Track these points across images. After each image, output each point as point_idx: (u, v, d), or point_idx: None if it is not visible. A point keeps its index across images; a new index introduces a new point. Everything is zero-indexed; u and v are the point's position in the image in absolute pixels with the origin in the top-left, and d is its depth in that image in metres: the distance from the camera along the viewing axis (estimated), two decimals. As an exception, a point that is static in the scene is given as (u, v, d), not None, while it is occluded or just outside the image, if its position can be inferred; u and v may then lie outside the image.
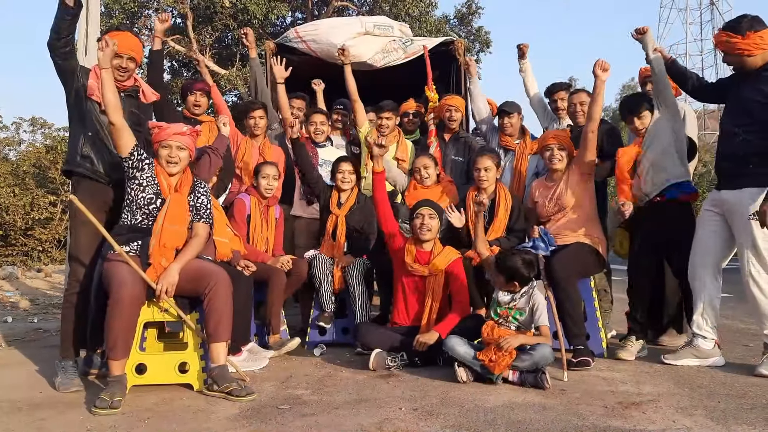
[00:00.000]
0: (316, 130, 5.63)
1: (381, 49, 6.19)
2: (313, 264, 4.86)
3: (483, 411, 3.04)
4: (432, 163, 5.07)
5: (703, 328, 4.05)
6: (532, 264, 3.80)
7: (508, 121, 5.38)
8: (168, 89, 19.14)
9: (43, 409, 3.23)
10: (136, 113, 4.09)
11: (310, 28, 6.28)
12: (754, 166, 3.77)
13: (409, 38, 6.49)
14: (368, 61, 6.14)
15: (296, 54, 6.22)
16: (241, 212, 4.74)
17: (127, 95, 4.03)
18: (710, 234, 4.05)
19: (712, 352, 4.04)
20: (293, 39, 6.27)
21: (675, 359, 4.04)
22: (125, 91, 4.02)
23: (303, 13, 20.78)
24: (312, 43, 6.11)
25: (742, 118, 3.89)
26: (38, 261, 13.74)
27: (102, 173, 3.89)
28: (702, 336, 4.04)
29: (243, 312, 4.12)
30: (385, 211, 4.49)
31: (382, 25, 6.44)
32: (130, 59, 3.96)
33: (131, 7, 17.30)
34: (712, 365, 3.99)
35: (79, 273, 3.84)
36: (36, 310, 7.51)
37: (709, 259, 4.07)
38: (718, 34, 4.00)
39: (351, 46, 5.92)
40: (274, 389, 3.57)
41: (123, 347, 3.34)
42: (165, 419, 3.02)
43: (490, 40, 21.18)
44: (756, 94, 3.81)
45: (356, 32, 6.11)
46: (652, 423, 2.83)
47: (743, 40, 3.80)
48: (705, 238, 4.08)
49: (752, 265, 3.79)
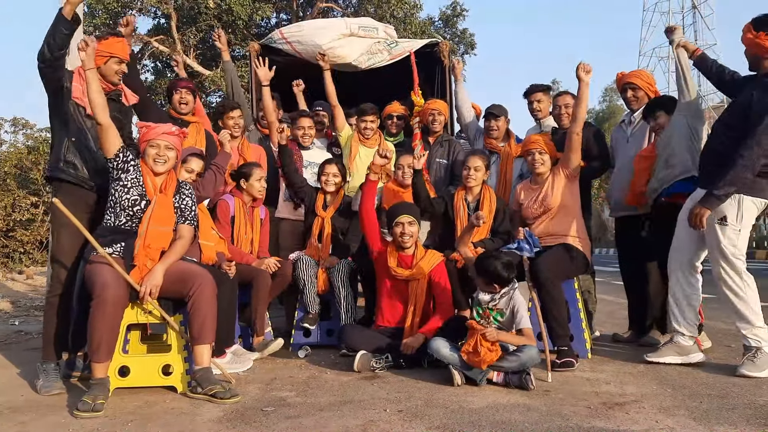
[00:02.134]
0: (304, 134, 5.62)
1: (366, 50, 6.19)
2: (297, 265, 4.84)
3: (468, 412, 3.05)
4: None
5: (682, 325, 4.08)
6: (511, 266, 3.80)
7: (495, 123, 5.40)
8: (150, 89, 19.12)
9: (24, 412, 3.20)
10: (117, 117, 4.06)
11: (294, 29, 6.27)
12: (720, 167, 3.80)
13: (394, 40, 6.50)
14: (353, 63, 6.14)
15: (281, 55, 6.21)
16: (225, 213, 4.72)
17: (109, 99, 3.99)
18: (685, 231, 4.08)
19: (693, 348, 4.08)
20: (278, 40, 6.26)
21: (657, 357, 4.08)
22: (108, 95, 3.98)
23: (288, 14, 20.75)
24: (297, 44, 6.10)
25: (732, 118, 3.92)
26: (20, 263, 13.59)
27: (86, 178, 3.86)
28: (681, 333, 4.08)
29: (227, 314, 4.11)
30: (371, 225, 4.50)
31: (367, 26, 6.43)
32: (126, 64, 4.03)
33: (114, 7, 17.18)
34: (695, 362, 4.03)
35: (61, 275, 3.81)
36: (17, 313, 7.43)
37: (685, 257, 4.11)
38: (746, 25, 3.93)
39: (336, 48, 5.94)
40: (258, 391, 3.56)
41: (106, 350, 3.31)
42: (148, 422, 2.99)
43: (475, 42, 21.26)
44: (750, 98, 3.81)
45: (341, 33, 6.10)
46: (635, 423, 2.84)
47: (755, 39, 3.81)
48: (681, 235, 4.12)
49: (721, 268, 3.84)
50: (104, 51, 3.87)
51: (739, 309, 3.82)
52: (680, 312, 4.10)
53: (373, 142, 5.64)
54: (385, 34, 6.57)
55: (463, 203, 4.78)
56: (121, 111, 4.14)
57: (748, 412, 3.00)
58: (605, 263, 18.66)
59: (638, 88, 4.97)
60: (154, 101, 4.83)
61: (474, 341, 3.52)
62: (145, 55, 18.97)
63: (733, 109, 3.97)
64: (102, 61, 3.87)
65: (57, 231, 3.90)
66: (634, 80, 4.99)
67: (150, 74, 20.27)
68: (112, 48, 3.92)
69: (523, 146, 4.75)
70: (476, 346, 3.51)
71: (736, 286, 3.82)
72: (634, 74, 5.08)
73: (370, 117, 5.60)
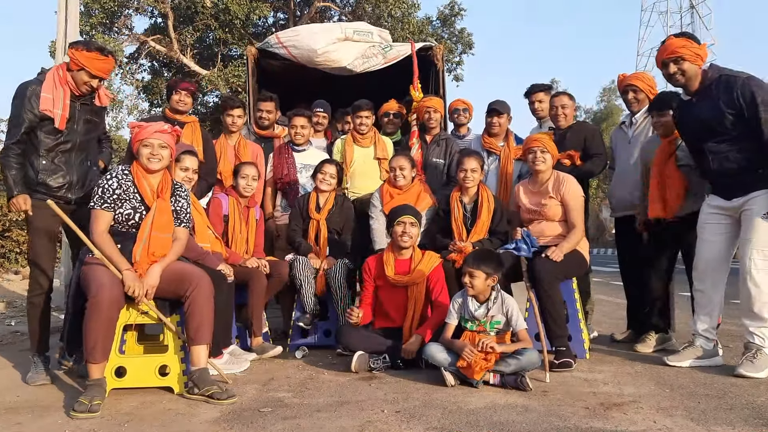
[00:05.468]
0: (297, 133, 5.60)
1: (361, 54, 6.24)
2: (293, 266, 4.83)
3: (465, 413, 3.04)
4: (408, 164, 5.06)
5: (710, 329, 4.09)
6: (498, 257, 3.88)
7: (497, 120, 5.38)
8: (146, 89, 19.09)
9: (20, 412, 3.19)
10: (89, 120, 4.13)
11: (290, 34, 6.34)
12: (764, 170, 3.76)
13: (388, 44, 6.56)
14: (348, 66, 6.20)
15: (278, 59, 6.29)
16: (217, 211, 4.69)
17: (83, 104, 4.07)
18: (719, 238, 4.03)
19: (714, 351, 4.09)
20: (274, 44, 6.31)
21: (678, 361, 4.06)
22: (81, 98, 4.05)
23: (285, 13, 20.73)
24: (292, 48, 6.17)
25: (716, 135, 3.87)
26: (15, 263, 13.53)
27: (61, 195, 3.96)
28: (705, 337, 4.08)
29: (224, 314, 4.10)
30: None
31: (362, 31, 6.52)
32: (101, 80, 4.06)
33: (111, 6, 17.13)
34: (717, 365, 4.03)
35: (38, 277, 3.99)
36: (13, 313, 7.40)
37: (721, 263, 4.09)
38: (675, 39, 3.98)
39: (330, 52, 6.01)
40: (255, 392, 3.55)
41: (102, 350, 3.30)
42: (145, 423, 2.99)
43: (473, 41, 21.24)
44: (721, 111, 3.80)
45: (336, 38, 6.17)
46: (633, 424, 2.84)
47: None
48: (715, 241, 4.06)
49: (754, 262, 3.80)
50: (80, 61, 3.88)
51: (756, 305, 3.80)
52: (707, 316, 4.10)
53: (368, 140, 5.62)
54: (380, 38, 6.65)
55: (458, 204, 4.77)
56: (94, 111, 4.17)
57: (746, 412, 3.00)
58: (603, 263, 18.71)
59: (639, 90, 4.97)
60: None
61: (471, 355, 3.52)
62: (142, 54, 18.94)
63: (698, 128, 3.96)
64: (75, 68, 3.91)
65: (32, 234, 3.98)
66: (636, 82, 4.99)
67: (147, 74, 20.25)
68: (89, 63, 3.90)
69: (524, 145, 4.74)
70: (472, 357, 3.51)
71: (763, 282, 3.81)
72: (635, 76, 5.07)
73: (365, 112, 5.59)
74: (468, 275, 3.76)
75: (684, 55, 3.89)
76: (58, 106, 3.86)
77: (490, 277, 3.76)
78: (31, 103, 3.81)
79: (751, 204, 3.82)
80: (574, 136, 5.18)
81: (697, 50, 3.91)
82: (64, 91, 3.90)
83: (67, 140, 3.97)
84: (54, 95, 3.86)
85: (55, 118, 3.86)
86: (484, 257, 3.81)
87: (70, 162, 4.01)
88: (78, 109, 4.00)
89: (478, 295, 3.79)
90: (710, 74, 3.90)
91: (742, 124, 3.75)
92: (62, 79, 3.91)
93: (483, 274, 3.73)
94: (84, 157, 4.10)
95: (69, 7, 7.69)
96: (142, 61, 19.73)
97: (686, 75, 3.93)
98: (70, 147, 3.99)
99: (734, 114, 3.75)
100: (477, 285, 3.74)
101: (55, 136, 3.92)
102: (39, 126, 3.86)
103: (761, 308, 3.80)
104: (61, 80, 3.91)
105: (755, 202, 3.80)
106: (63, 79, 3.91)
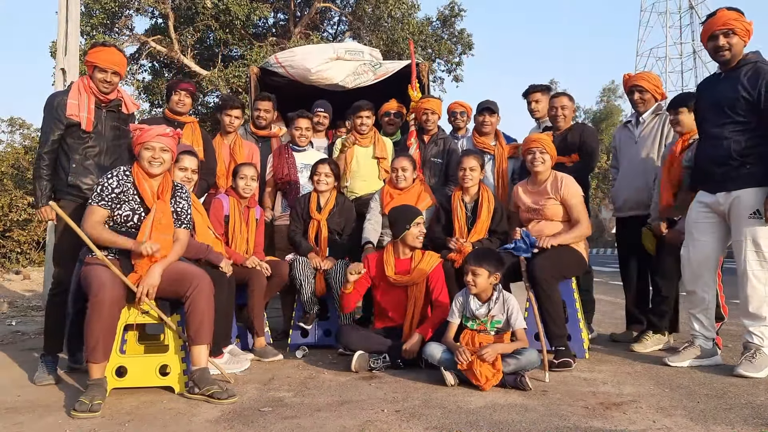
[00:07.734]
0: (301, 135, 5.62)
1: (352, 71, 6.53)
2: (293, 266, 4.83)
3: (465, 412, 3.05)
4: (410, 165, 5.08)
5: (707, 328, 4.10)
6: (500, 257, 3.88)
7: (489, 119, 5.44)
8: (147, 90, 19.10)
9: (21, 412, 3.20)
10: (117, 126, 4.24)
11: (287, 55, 6.71)
12: (751, 166, 3.77)
13: (378, 62, 6.84)
14: (340, 83, 6.48)
15: (277, 76, 6.68)
16: (218, 212, 4.70)
17: (108, 110, 4.19)
18: (709, 236, 4.04)
19: (713, 350, 4.09)
20: (273, 64, 6.67)
21: (678, 361, 4.07)
22: (107, 105, 4.17)
23: (285, 14, 20.74)
24: (289, 68, 6.53)
25: (721, 117, 3.88)
26: (17, 263, 13.55)
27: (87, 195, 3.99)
28: (704, 336, 4.09)
29: (225, 314, 4.11)
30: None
31: (353, 50, 6.93)
32: (114, 74, 4.12)
33: (112, 6, 17.13)
34: (717, 364, 4.04)
35: (61, 275, 4.00)
36: (15, 313, 7.42)
37: (712, 262, 4.10)
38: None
39: (323, 70, 6.36)
40: (255, 391, 3.56)
41: (103, 350, 3.31)
42: (145, 422, 2.99)
43: (473, 42, 21.22)
44: (737, 92, 3.78)
45: (329, 57, 6.52)
46: (632, 423, 2.85)
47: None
48: (705, 240, 4.06)
49: (749, 263, 3.81)
50: (89, 61, 4.08)
51: (753, 304, 3.81)
52: (702, 315, 4.11)
53: (368, 140, 5.63)
54: (371, 56, 7.04)
55: (460, 203, 4.78)
56: (120, 119, 4.27)
57: (746, 412, 3.00)
58: (603, 263, 18.71)
59: (645, 90, 4.98)
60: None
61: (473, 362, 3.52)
62: (142, 55, 18.94)
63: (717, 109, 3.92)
64: (90, 70, 4.10)
65: (60, 234, 4.03)
66: (641, 82, 5.00)
67: (147, 74, 20.24)
68: (95, 58, 4.07)
69: (524, 145, 4.75)
70: (471, 365, 3.52)
71: (763, 281, 3.81)
72: (641, 76, 5.08)
73: (365, 112, 5.61)
74: (471, 273, 3.77)
75: (735, 28, 3.80)
76: (83, 110, 4.03)
77: (492, 275, 3.77)
78: (59, 112, 4.00)
79: (737, 203, 3.83)
80: (574, 138, 5.19)
81: (748, 26, 3.83)
82: (89, 97, 4.09)
83: (95, 144, 4.10)
84: (79, 101, 4.04)
85: (81, 121, 4.01)
86: (486, 255, 3.83)
87: (101, 165, 4.09)
88: (104, 116, 4.15)
89: (480, 294, 3.80)
90: (749, 58, 3.85)
91: (752, 112, 3.74)
92: (86, 87, 4.09)
93: (485, 271, 3.75)
94: (115, 160, 4.18)
95: (69, 7, 7.72)
96: (143, 62, 19.70)
97: (732, 50, 3.85)
98: (98, 151, 4.12)
99: (749, 100, 3.73)
100: (480, 283, 3.75)
101: (83, 139, 4.05)
102: (67, 133, 4.02)
103: (758, 307, 3.81)
104: (86, 88, 4.09)
105: (740, 201, 3.81)
106: (87, 87, 4.09)
